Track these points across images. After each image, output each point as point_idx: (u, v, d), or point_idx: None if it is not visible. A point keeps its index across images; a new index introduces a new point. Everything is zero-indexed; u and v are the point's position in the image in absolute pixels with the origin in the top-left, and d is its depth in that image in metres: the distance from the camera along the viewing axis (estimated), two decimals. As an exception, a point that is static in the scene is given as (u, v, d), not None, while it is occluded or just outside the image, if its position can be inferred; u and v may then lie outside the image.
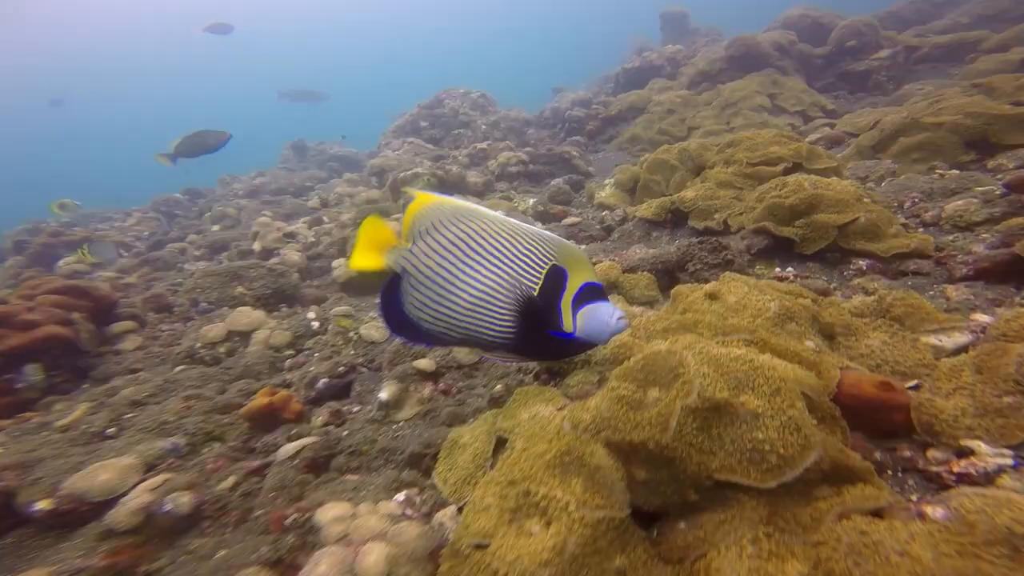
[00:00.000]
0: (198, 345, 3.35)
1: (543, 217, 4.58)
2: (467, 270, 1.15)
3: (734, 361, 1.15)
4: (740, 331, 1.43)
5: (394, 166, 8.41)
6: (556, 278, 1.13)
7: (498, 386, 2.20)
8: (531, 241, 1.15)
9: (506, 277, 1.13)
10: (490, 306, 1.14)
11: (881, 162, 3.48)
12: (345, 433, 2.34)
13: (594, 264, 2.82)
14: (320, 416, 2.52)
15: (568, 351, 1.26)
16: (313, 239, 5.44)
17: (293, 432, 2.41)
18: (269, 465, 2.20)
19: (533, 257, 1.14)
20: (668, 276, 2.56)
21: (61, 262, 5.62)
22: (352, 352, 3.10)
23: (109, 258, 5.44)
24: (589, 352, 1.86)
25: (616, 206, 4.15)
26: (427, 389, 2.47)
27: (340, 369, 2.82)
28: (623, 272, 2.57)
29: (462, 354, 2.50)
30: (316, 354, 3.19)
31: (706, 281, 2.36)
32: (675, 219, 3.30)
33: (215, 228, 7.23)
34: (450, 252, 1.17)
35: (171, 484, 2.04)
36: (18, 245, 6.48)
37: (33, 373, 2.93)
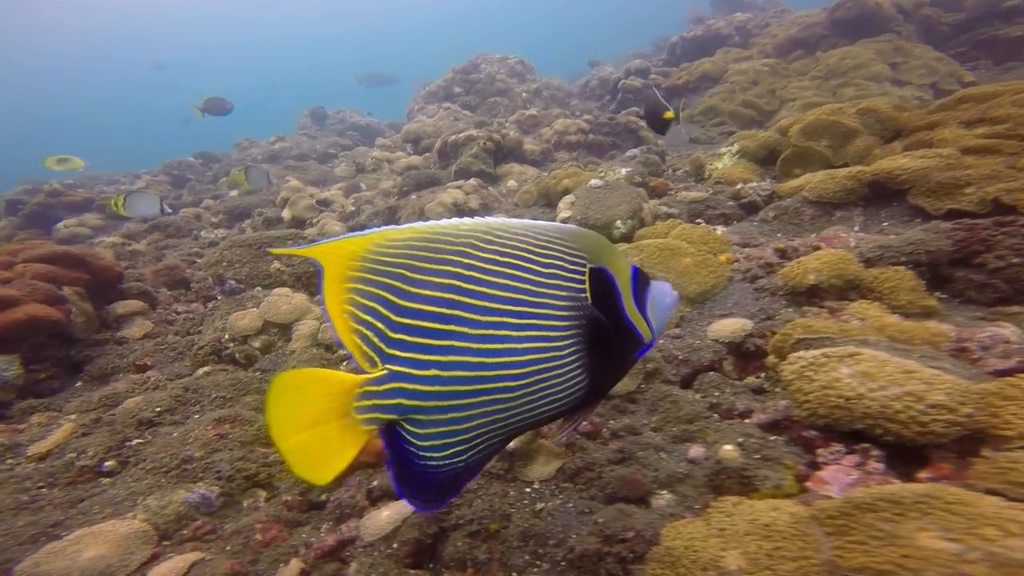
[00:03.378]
0: (226, 337, 2.56)
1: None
2: (497, 334, 0.74)
3: None
4: None
5: (431, 132, 7.61)
6: (603, 283, 0.83)
7: (729, 446, 1.37)
8: (549, 246, 0.80)
9: (552, 312, 0.78)
10: (551, 366, 0.78)
11: None
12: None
13: (812, 250, 1.97)
14: None
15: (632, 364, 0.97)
16: (353, 207, 4.62)
17: (375, 485, 1.63)
18: (350, 544, 1.41)
19: (565, 268, 0.80)
20: (933, 274, 1.70)
21: (60, 224, 4.85)
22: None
23: (261, 185, 5.12)
24: None
25: (748, 179, 3.27)
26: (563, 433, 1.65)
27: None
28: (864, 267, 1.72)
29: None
30: None
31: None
32: (872, 196, 2.43)
33: (233, 193, 6.47)
34: (459, 325, 0.73)
35: (203, 571, 1.27)
36: (11, 205, 5.71)
37: (5, 368, 2.15)
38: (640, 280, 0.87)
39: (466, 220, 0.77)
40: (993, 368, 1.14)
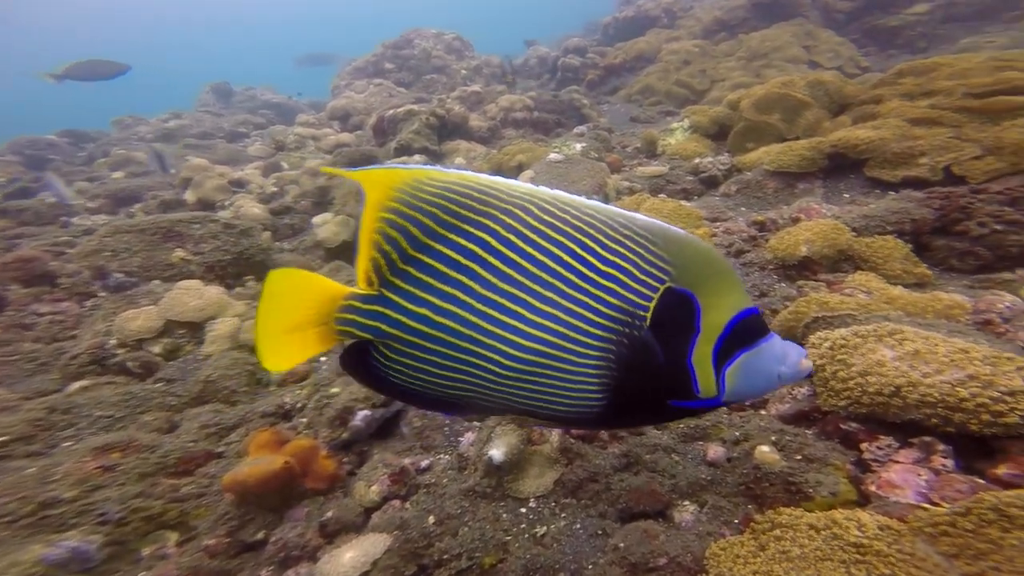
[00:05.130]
0: (112, 342, 2.01)
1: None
2: (508, 307, 0.69)
3: None
4: None
5: (361, 109, 7.00)
6: (679, 309, 0.69)
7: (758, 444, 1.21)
8: (624, 241, 0.68)
9: (586, 313, 0.68)
10: (558, 367, 0.70)
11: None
12: (432, 522, 1.28)
13: (791, 222, 1.88)
14: (375, 483, 1.41)
15: (685, 415, 0.80)
16: (274, 188, 3.99)
17: (329, 517, 1.30)
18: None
19: (631, 273, 0.68)
20: (915, 243, 1.69)
21: None
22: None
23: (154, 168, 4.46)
24: None
25: (702, 153, 3.23)
26: (555, 435, 1.44)
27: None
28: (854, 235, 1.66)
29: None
30: (325, 361, 2.01)
31: (1020, 251, 1.51)
32: (831, 168, 2.44)
33: (117, 175, 5.42)
34: (471, 280, 0.69)
35: None
36: None
37: None
38: (743, 332, 0.69)
39: (526, 184, 0.71)
40: None
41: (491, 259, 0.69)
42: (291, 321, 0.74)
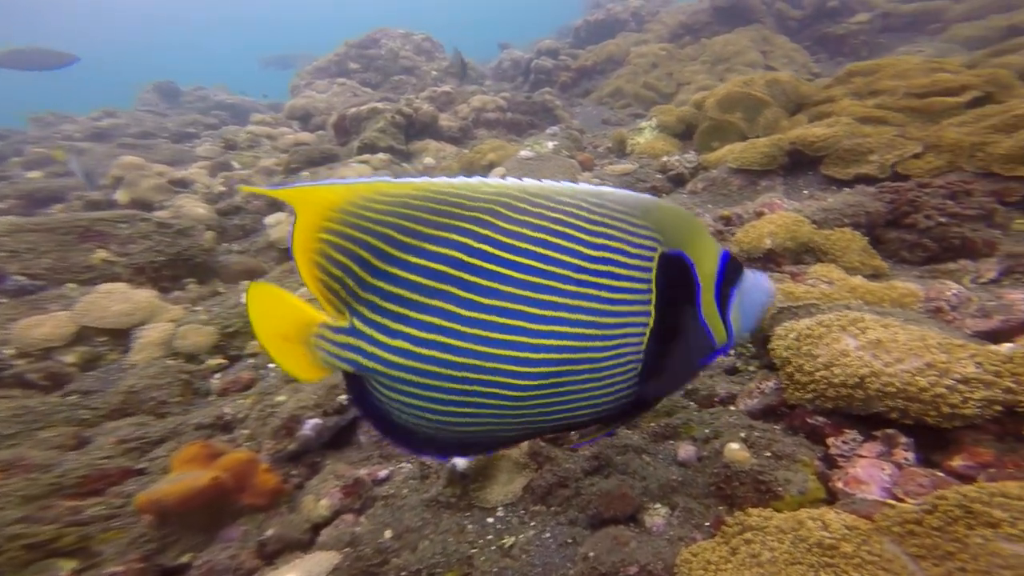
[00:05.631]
0: (8, 352, 1.84)
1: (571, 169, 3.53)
2: (503, 322, 0.63)
3: None
4: None
5: (323, 109, 6.81)
6: (677, 272, 0.69)
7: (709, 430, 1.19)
8: (606, 222, 0.65)
9: (594, 306, 0.64)
10: (579, 367, 0.65)
11: None
12: (389, 536, 1.20)
13: (755, 217, 1.90)
14: (325, 496, 1.32)
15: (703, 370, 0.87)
16: (223, 188, 3.79)
17: (269, 536, 1.20)
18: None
19: (624, 252, 0.66)
20: (870, 236, 1.73)
21: None
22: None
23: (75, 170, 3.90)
24: None
25: (670, 152, 3.26)
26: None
27: (340, 397, 1.59)
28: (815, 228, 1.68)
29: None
30: (274, 368, 1.89)
31: (962, 243, 1.56)
32: (791, 165, 2.49)
33: (34, 175, 5.00)
34: (448, 303, 0.63)
35: None
36: None
37: None
38: (730, 271, 0.72)
39: (494, 180, 0.63)
40: (973, 328, 1.11)
41: (466, 276, 0.62)
42: (275, 329, 0.69)
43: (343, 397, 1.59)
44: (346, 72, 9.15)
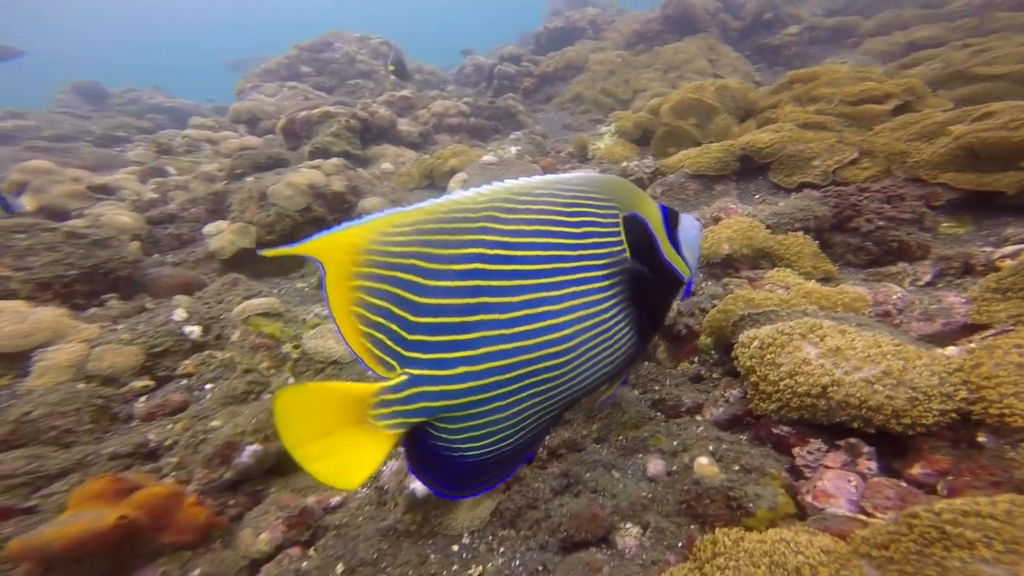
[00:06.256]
0: None
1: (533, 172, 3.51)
2: (537, 311, 0.69)
3: None
4: None
5: (272, 113, 6.49)
6: (638, 230, 0.82)
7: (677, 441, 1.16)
8: (577, 201, 0.75)
9: (591, 274, 0.74)
10: (595, 330, 0.74)
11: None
12: (341, 570, 1.11)
13: (712, 222, 1.92)
14: (266, 529, 1.20)
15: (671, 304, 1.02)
16: (155, 194, 3.49)
17: None
18: None
19: (598, 223, 0.76)
20: (818, 240, 1.78)
21: None
22: (293, 382, 1.76)
23: None
24: None
25: (629, 157, 3.30)
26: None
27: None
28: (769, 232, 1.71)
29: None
30: (211, 389, 1.74)
31: (899, 246, 1.63)
32: (742, 170, 2.57)
33: None
34: (488, 313, 0.67)
35: None
36: None
37: None
38: (671, 218, 0.86)
39: (483, 189, 0.69)
40: (918, 332, 1.15)
41: (493, 282, 0.66)
42: (315, 432, 0.65)
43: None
44: (298, 76, 8.82)
